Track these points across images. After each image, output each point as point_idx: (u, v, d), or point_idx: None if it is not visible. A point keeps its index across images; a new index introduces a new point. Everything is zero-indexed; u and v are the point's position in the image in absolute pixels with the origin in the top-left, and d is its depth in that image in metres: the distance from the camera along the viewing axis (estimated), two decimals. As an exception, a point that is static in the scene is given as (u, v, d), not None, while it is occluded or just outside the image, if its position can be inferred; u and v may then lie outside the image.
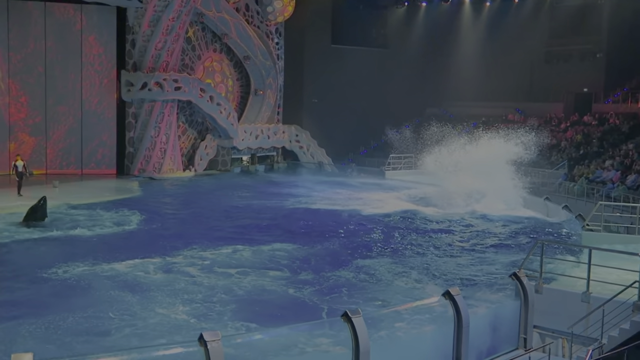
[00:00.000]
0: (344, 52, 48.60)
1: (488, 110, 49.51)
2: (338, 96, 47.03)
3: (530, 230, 25.07)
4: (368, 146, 49.04)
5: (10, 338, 12.69)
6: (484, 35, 48.54)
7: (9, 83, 36.11)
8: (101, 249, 20.38)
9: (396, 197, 33.54)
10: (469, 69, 48.98)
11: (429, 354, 10.14)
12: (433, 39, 49.76)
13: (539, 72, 48.44)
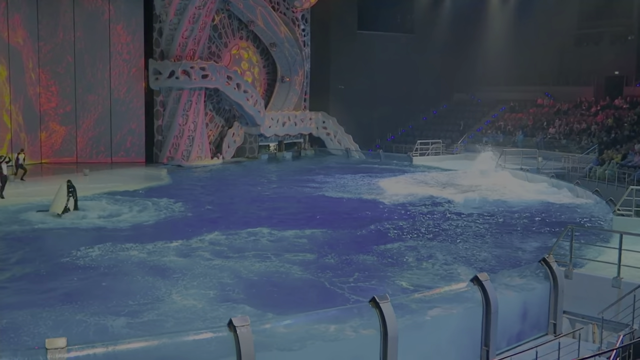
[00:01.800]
0: (370, 38, 48.25)
1: (517, 95, 49.00)
2: (365, 82, 46.75)
3: (560, 215, 24.77)
4: (395, 132, 48.81)
5: (44, 322, 12.87)
6: (512, 19, 47.95)
7: (39, 73, 36.49)
8: (131, 235, 20.54)
9: (423, 182, 33.33)
10: (497, 54, 48.39)
11: (457, 340, 10.08)
12: (460, 24, 49.15)
13: (569, 56, 47.71)
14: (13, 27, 34.99)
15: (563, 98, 46.51)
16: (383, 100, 46.97)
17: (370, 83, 46.93)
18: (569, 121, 43.36)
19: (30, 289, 15.12)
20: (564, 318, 11.66)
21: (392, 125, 48.38)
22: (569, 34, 47.42)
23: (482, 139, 45.99)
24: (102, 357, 7.89)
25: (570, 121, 43.32)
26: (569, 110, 45.07)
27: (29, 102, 36.19)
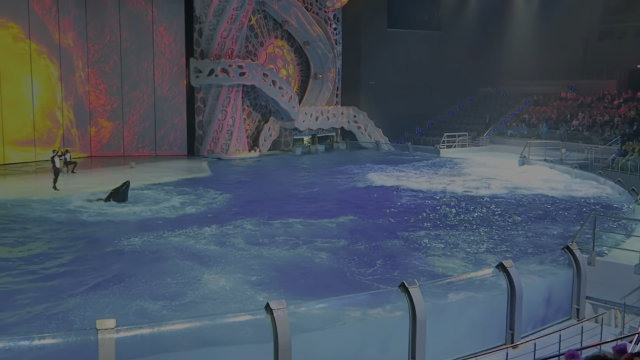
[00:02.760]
0: (399, 36, 47.97)
1: (541, 89, 48.29)
2: (394, 78, 46.55)
3: (584, 205, 24.43)
4: (423, 126, 48.52)
5: (91, 305, 13.10)
6: (536, 15, 47.22)
7: (88, 72, 37.01)
8: (173, 223, 20.79)
9: (451, 174, 33.11)
10: (522, 48, 47.75)
11: (483, 323, 10.03)
12: (485, 20, 48.57)
13: (592, 50, 46.82)
14: (63, 30, 35.55)
15: (586, 91, 45.72)
16: (411, 95, 46.69)
17: (399, 79, 46.71)
18: (592, 114, 42.61)
19: (79, 274, 15.35)
20: (587, 303, 11.54)
21: (420, 119, 48.09)
22: (592, 29, 46.55)
23: (507, 132, 45.61)
24: (148, 338, 8.03)
25: (593, 114, 42.57)
26: (592, 103, 44.28)
27: (79, 99, 36.75)
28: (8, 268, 15.83)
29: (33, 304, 13.43)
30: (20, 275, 15.33)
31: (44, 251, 17.65)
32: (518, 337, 9.95)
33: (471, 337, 9.68)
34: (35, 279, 15.19)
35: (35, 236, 19.17)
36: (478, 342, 9.65)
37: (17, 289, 14.27)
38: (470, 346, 9.50)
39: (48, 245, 18.24)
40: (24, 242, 18.37)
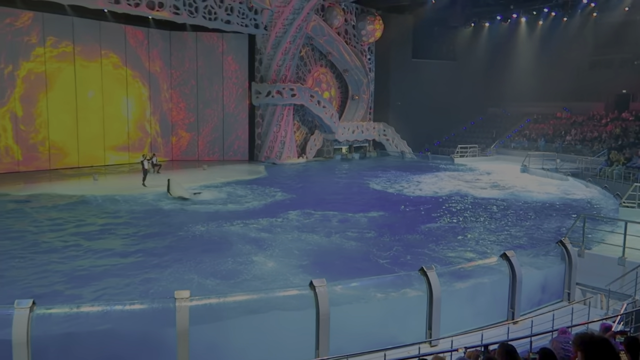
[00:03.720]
0: (422, 65, 47.63)
1: (539, 109, 47.37)
2: (417, 99, 46.20)
3: (575, 206, 23.86)
4: (441, 139, 48.02)
5: (166, 278, 13.31)
6: (537, 47, 46.32)
7: (171, 93, 37.68)
8: (235, 213, 21.02)
9: (462, 179, 32.67)
10: (524, 75, 46.91)
11: (489, 302, 9.87)
12: (493, 51, 47.91)
13: (584, 77, 45.63)
14: (152, 59, 36.26)
15: (579, 112, 44.68)
16: (431, 113, 46.24)
17: (421, 100, 46.29)
18: (583, 130, 41.58)
19: (157, 254, 15.62)
20: (577, 288, 11.26)
21: (438, 133, 47.63)
22: (584, 59, 45.42)
23: (510, 144, 44.89)
24: (215, 306, 8.12)
25: (584, 130, 41.54)
26: (583, 121, 43.20)
27: (163, 114, 37.42)
28: (104, 245, 16.22)
29: (123, 275, 13.74)
30: (114, 252, 15.69)
31: (132, 233, 18.03)
32: (518, 314, 9.76)
33: (478, 314, 9.53)
34: (126, 253, 15.55)
35: (126, 222, 19.60)
36: (484, 318, 9.49)
37: (111, 264, 14.60)
38: (477, 321, 9.36)
39: (135, 229, 18.60)
40: (116, 227, 18.80)
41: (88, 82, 33.09)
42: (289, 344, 8.02)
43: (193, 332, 7.31)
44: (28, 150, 30.89)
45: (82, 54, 32.59)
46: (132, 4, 29.27)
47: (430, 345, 8.53)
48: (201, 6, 32.41)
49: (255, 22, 35.38)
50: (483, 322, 9.33)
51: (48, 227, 18.43)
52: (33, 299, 7.18)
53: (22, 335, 6.86)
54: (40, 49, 30.73)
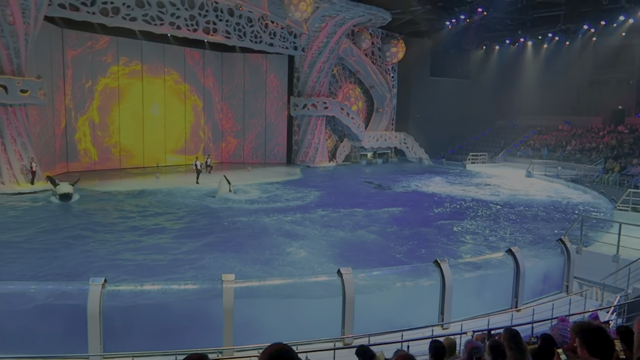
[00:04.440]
0: (438, 82, 47.08)
1: (543, 122, 46.19)
2: (434, 112, 45.77)
3: (574, 209, 23.19)
4: (454, 147, 47.30)
5: (211, 264, 13.42)
6: (541, 67, 45.18)
7: (221, 105, 38.14)
8: (273, 209, 21.08)
9: (473, 182, 32.14)
10: (530, 92, 46.00)
11: (494, 292, 9.68)
12: (503, 70, 46.95)
13: (584, 94, 44.40)
14: (207, 76, 36.78)
15: (579, 125, 43.39)
16: (446, 124, 45.76)
17: (438, 113, 45.81)
18: (583, 141, 40.37)
19: (205, 244, 15.69)
20: (575, 282, 10.94)
21: (452, 142, 46.94)
22: (584, 78, 44.15)
23: (516, 153, 43.93)
24: (256, 288, 8.17)
25: (583, 141, 40.33)
26: (583, 133, 41.94)
27: (215, 123, 37.91)
28: (162, 233, 16.49)
29: (175, 258, 13.92)
30: (169, 240, 15.93)
31: (185, 224, 18.19)
32: (521, 303, 9.54)
33: (485, 302, 9.35)
34: (177, 240, 15.75)
35: (181, 215, 19.84)
36: (490, 305, 9.31)
37: (164, 247, 14.84)
38: (484, 308, 9.18)
39: (187, 220, 18.76)
40: (172, 218, 19.09)
41: (153, 95, 33.79)
42: (319, 323, 8.02)
43: (236, 309, 7.37)
44: (103, 152, 31.70)
45: (149, 72, 33.28)
46: (190, 29, 29.75)
47: (442, 328, 8.41)
48: (249, 31, 32.73)
49: (294, 44, 35.53)
50: (489, 309, 9.16)
51: (117, 216, 18.83)
52: (105, 277, 7.36)
53: (95, 307, 7.04)
54: (114, 67, 31.50)
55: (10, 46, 22.29)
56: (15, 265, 12.81)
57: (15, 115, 23.10)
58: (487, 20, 40.25)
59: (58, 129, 28.92)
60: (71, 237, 15.66)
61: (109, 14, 26.25)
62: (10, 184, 22.95)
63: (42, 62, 25.93)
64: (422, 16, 39.98)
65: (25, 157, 23.38)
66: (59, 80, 28.67)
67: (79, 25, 27.21)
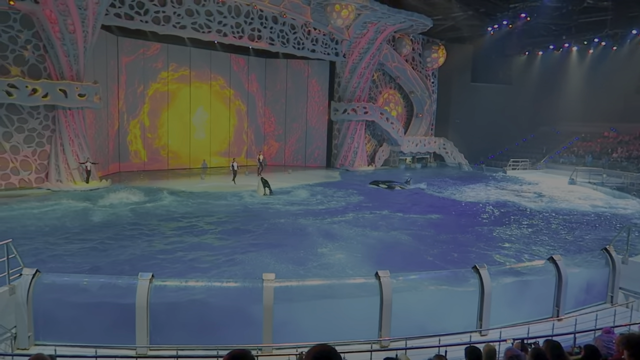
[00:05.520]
0: (479, 88, 46.09)
1: (588, 128, 44.41)
2: (474, 117, 44.83)
3: (620, 217, 22.13)
4: (495, 153, 46.15)
5: (261, 263, 13.54)
6: (586, 73, 43.53)
7: (264, 109, 38.62)
8: (311, 210, 21.06)
9: (513, 189, 31.20)
10: (574, 98, 44.30)
11: (535, 300, 9.34)
12: (546, 76, 45.56)
13: (631, 100, 42.34)
14: (251, 81, 37.36)
15: (625, 132, 41.48)
16: (486, 130, 44.69)
17: (478, 118, 44.86)
18: (629, 149, 38.59)
19: (244, 242, 15.79)
20: (620, 292, 10.42)
21: (492, 148, 45.78)
22: (631, 84, 42.11)
23: (559, 160, 42.39)
24: (295, 288, 8.19)
25: (630, 149, 38.54)
26: (630, 140, 40.09)
27: (257, 127, 38.42)
28: (203, 231, 16.82)
29: (213, 255, 14.13)
30: (209, 239, 16.22)
31: (224, 224, 18.29)
32: (562, 312, 9.16)
33: (526, 309, 9.04)
34: (217, 238, 15.99)
35: (222, 214, 20.08)
36: (530, 313, 8.99)
37: (204, 244, 15.10)
38: (524, 315, 8.88)
39: (227, 220, 18.92)
40: (213, 217, 19.39)
41: (200, 100, 34.60)
42: (356, 325, 7.96)
43: (275, 308, 7.41)
44: (152, 153, 32.69)
45: (196, 77, 34.11)
46: (236, 36, 30.32)
47: (480, 334, 8.19)
48: (292, 38, 33.05)
49: (335, 50, 35.61)
50: (529, 317, 8.85)
51: (161, 214, 19.33)
52: (152, 273, 7.56)
53: (143, 300, 7.24)
54: (164, 72, 32.47)
55: (71, 53, 23.36)
56: (68, 258, 13.36)
57: (74, 117, 24.17)
58: (530, 25, 39.14)
59: (112, 131, 30.04)
60: (118, 234, 16.18)
61: (161, 23, 27.11)
62: (67, 182, 24.00)
63: (98, 68, 27.03)
64: (464, 22, 39.29)
65: (81, 157, 24.41)
66: (114, 85, 29.79)
67: (132, 33, 28.23)
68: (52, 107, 23.76)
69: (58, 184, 23.81)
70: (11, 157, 23.28)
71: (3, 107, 22.65)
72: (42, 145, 24.02)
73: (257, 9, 30.96)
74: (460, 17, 38.13)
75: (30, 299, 7.46)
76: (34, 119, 23.64)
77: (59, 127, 24.01)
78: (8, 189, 23.02)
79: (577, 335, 7.20)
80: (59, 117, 23.93)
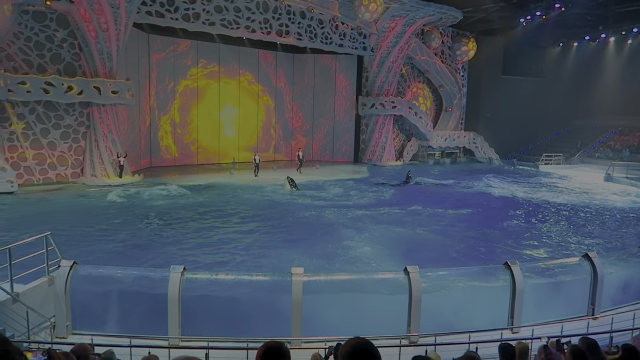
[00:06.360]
0: (511, 81, 45.03)
1: (625, 122, 42.88)
2: (505, 111, 43.84)
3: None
4: (527, 148, 45.10)
5: (287, 257, 13.60)
6: (624, 65, 41.99)
7: (292, 105, 38.75)
8: (339, 204, 21.02)
9: (546, 184, 30.43)
10: (611, 90, 42.75)
11: (570, 298, 9.12)
12: (581, 68, 44.10)
13: (672, 93, 40.74)
14: (279, 77, 37.53)
15: (666, 125, 39.91)
16: (518, 124, 43.66)
17: (510, 112, 43.84)
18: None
19: (268, 233, 15.90)
20: (660, 292, 10.05)
21: (524, 143, 44.76)
22: (672, 75, 40.52)
23: (595, 155, 41.10)
24: (323, 283, 8.23)
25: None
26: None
27: (285, 122, 38.60)
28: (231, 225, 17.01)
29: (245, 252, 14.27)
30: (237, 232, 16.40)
31: (252, 218, 18.45)
32: (598, 311, 8.92)
33: (560, 307, 8.83)
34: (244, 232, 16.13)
35: (250, 208, 20.20)
36: (565, 311, 8.78)
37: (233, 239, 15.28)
38: (557, 313, 8.68)
39: (255, 214, 19.04)
40: (242, 211, 19.58)
41: (228, 96, 34.98)
42: (384, 320, 7.94)
43: (304, 302, 7.46)
44: (183, 149, 33.28)
45: (225, 74, 34.49)
46: (265, 32, 30.49)
47: (512, 332, 8.05)
48: (320, 33, 33.02)
49: (364, 45, 35.40)
50: (563, 315, 8.65)
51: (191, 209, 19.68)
52: (184, 266, 7.72)
53: (175, 292, 7.40)
54: (194, 69, 32.95)
55: (104, 51, 23.96)
56: (95, 249, 13.74)
57: (107, 114, 24.82)
58: (565, 16, 37.96)
59: (144, 127, 30.70)
60: (149, 228, 16.54)
61: (190, 20, 27.49)
62: (101, 177, 24.68)
63: (130, 65, 27.64)
64: (495, 14, 38.45)
65: (115, 152, 25.05)
66: (145, 82, 30.41)
67: (163, 31, 28.75)
68: (87, 104, 24.45)
69: (93, 179, 24.51)
70: (49, 152, 24.08)
71: (41, 104, 23.44)
72: (78, 142, 24.76)
73: (285, 5, 31.04)
74: (491, 9, 37.31)
75: (68, 290, 7.72)
76: (70, 115, 24.38)
77: (93, 124, 24.70)
78: (46, 183, 23.85)
79: (614, 334, 6.99)
80: (93, 114, 24.62)
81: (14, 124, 23.08)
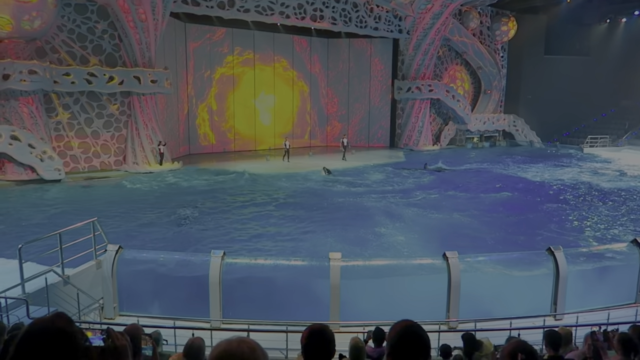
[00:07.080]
0: (554, 60, 43.14)
1: (678, 101, 40.58)
2: (547, 92, 42.10)
3: None
4: (570, 130, 43.40)
5: (321, 242, 13.65)
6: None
7: (327, 90, 38.57)
8: (374, 189, 20.89)
9: (591, 168, 29.29)
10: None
11: (616, 283, 8.81)
12: (630, 46, 41.82)
13: None
14: (313, 62, 37.36)
15: None
16: (561, 106, 41.88)
17: (552, 93, 42.10)
18: None
19: (304, 219, 15.97)
20: None
21: (567, 125, 43.01)
22: None
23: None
24: (360, 267, 8.24)
25: None
26: None
27: (320, 108, 38.50)
28: (267, 211, 17.17)
29: (285, 237, 14.42)
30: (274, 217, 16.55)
31: (288, 203, 18.52)
32: (647, 298, 8.58)
33: (607, 293, 8.55)
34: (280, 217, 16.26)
35: (286, 194, 20.34)
36: (611, 298, 8.49)
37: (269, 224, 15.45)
38: (603, 300, 8.40)
39: (291, 200, 19.18)
40: (278, 197, 19.74)
41: (264, 82, 35.14)
42: (422, 305, 7.89)
43: (341, 286, 7.50)
44: (219, 136, 33.78)
45: (260, 60, 34.63)
46: (299, 17, 30.35)
47: (555, 318, 7.86)
48: (354, 16, 32.61)
49: (399, 27, 34.75)
50: (609, 302, 8.37)
51: (228, 195, 19.98)
52: (224, 251, 7.89)
53: (215, 276, 7.58)
54: (230, 57, 33.24)
55: (143, 41, 24.47)
56: (140, 233, 14.18)
57: (147, 103, 25.43)
58: (613, -10, 36.09)
59: (182, 115, 31.31)
60: (188, 214, 16.95)
61: (225, 7, 27.65)
62: (142, 164, 25.41)
63: (168, 54, 28.13)
64: (537, -10, 36.93)
65: (155, 140, 25.69)
66: (182, 70, 30.92)
67: (199, 19, 29.05)
68: (128, 94, 25.11)
69: (134, 167, 25.26)
70: (93, 141, 24.94)
71: (84, 94, 24.23)
72: (120, 130, 25.52)
73: (319, -11, 30.76)
74: (533, -14, 35.86)
75: (115, 273, 8.03)
76: (112, 105, 25.12)
77: (133, 113, 25.37)
78: (91, 170, 24.76)
79: (665, 323, 6.71)
80: (133, 102, 25.28)
81: (60, 114, 23.99)
